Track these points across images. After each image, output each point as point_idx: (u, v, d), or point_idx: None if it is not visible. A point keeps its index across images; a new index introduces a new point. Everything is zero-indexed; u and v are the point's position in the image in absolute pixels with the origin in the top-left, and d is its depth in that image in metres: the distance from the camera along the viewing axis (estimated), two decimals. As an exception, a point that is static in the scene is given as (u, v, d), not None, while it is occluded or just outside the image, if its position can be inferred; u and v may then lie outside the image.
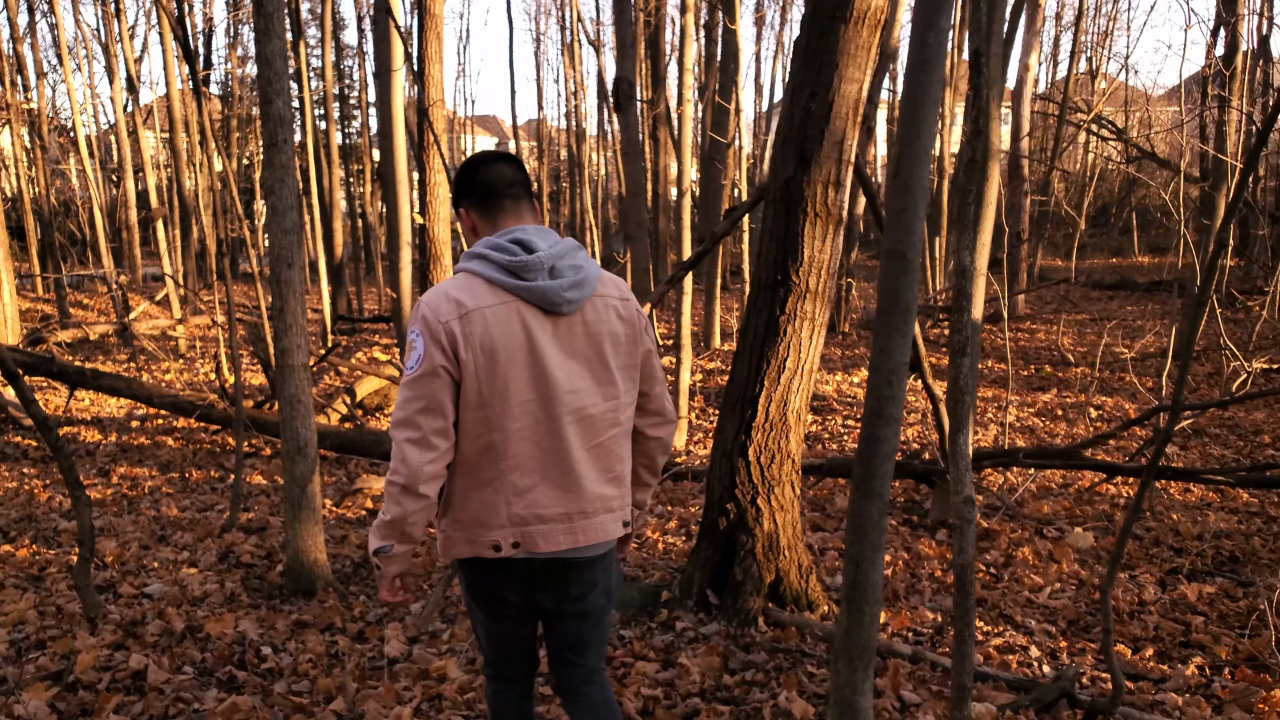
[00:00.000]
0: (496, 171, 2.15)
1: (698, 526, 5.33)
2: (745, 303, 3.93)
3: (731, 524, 3.86)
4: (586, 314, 2.08)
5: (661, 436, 2.32)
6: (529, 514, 2.05)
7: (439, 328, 1.97)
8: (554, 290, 2.02)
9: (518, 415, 2.02)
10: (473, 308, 1.99)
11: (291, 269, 4.07)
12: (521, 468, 2.05)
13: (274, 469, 6.94)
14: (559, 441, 2.06)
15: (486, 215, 2.15)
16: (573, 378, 2.06)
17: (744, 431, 3.84)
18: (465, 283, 2.04)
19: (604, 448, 2.13)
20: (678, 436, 7.60)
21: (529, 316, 2.02)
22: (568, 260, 2.06)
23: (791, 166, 3.74)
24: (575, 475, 2.08)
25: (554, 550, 2.07)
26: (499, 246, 2.04)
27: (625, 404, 2.17)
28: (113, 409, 9.36)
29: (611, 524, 2.16)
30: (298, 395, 4.14)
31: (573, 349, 2.07)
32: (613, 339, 2.11)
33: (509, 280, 2.02)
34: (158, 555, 4.87)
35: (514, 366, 2.00)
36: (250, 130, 31.19)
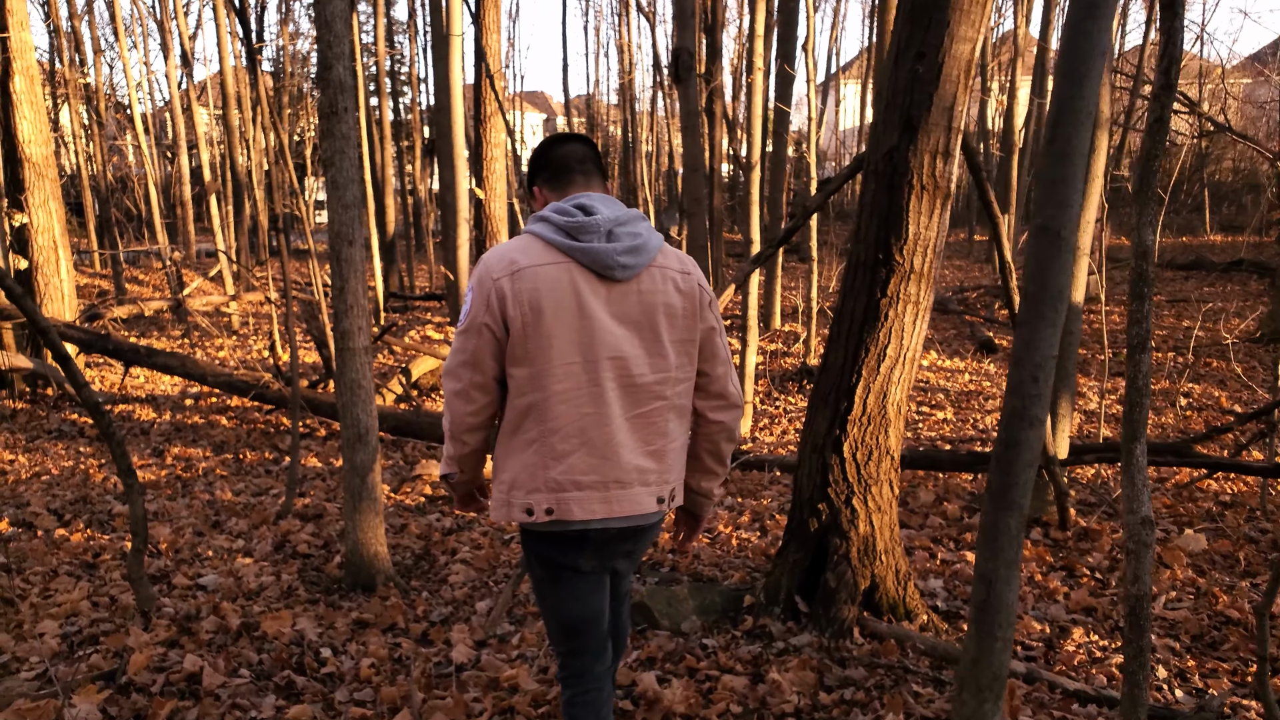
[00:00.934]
0: (568, 149, 2.19)
1: (773, 522, 5.05)
2: (841, 283, 3.61)
3: (823, 525, 3.56)
4: (642, 282, 2.06)
5: (724, 421, 2.24)
6: (565, 479, 2.04)
7: (490, 285, 2.00)
8: (608, 253, 2.01)
9: (561, 377, 2.01)
10: (525, 265, 2.00)
11: (353, 246, 3.83)
12: (561, 431, 2.03)
13: (329, 451, 6.77)
14: (601, 407, 2.04)
15: (557, 189, 2.19)
16: (621, 344, 2.04)
17: (838, 425, 3.53)
18: (524, 242, 2.07)
19: (646, 419, 2.10)
20: (743, 423, 7.30)
21: (581, 279, 2.01)
22: (627, 227, 2.06)
23: (895, 135, 3.41)
24: (614, 444, 2.06)
25: (588, 518, 2.05)
26: (561, 209, 2.07)
27: (677, 379, 2.13)
28: (167, 386, 9.28)
29: (647, 498, 2.11)
30: (358, 380, 3.90)
31: (624, 316, 2.05)
32: (668, 311, 2.08)
33: (564, 240, 2.02)
34: (212, 543, 4.69)
35: (560, 326, 2.00)
36: (301, 107, 31.26)
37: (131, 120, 18.60)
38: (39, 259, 9.56)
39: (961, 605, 3.91)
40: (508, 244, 2.09)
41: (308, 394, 7.29)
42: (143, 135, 18.28)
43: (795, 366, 9.48)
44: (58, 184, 9.95)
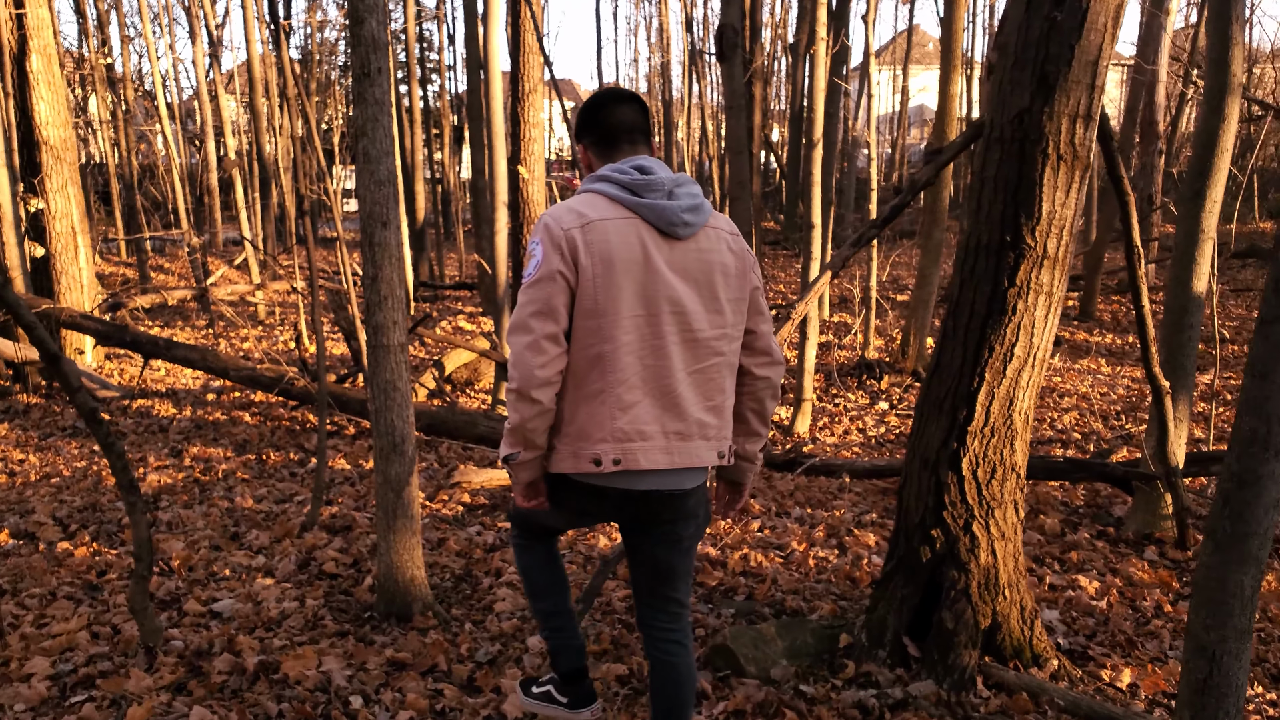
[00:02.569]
0: (620, 114, 2.19)
1: (851, 537, 4.52)
2: (956, 270, 3.08)
3: (937, 555, 3.03)
4: (701, 241, 2.11)
5: (770, 376, 2.28)
6: (632, 429, 2.06)
7: (560, 234, 2.01)
8: (673, 210, 2.06)
9: (628, 329, 2.03)
10: (595, 219, 2.03)
11: (387, 228, 3.33)
12: (627, 382, 2.05)
13: (359, 452, 6.30)
14: (664, 360, 2.07)
15: (604, 157, 2.20)
16: (684, 299, 2.07)
17: (956, 437, 3.00)
18: (589, 199, 2.09)
19: (706, 374, 2.13)
20: (801, 422, 6.77)
21: (646, 235, 2.05)
22: (686, 188, 2.12)
23: (1027, 95, 2.86)
24: (677, 395, 2.09)
25: (652, 468, 2.08)
26: (620, 169, 2.10)
27: (732, 336, 2.17)
28: (188, 380, 8.86)
29: (707, 451, 2.15)
30: (393, 381, 3.41)
31: (685, 272, 2.08)
32: (723, 270, 2.13)
33: (630, 198, 2.06)
34: (230, 560, 4.22)
35: (628, 279, 2.02)
36: (329, 94, 30.91)
37: (157, 107, 18.24)
38: (56, 246, 9.17)
39: (1087, 642, 3.37)
40: (570, 200, 2.10)
41: (335, 389, 6.83)
42: (167, 122, 17.92)
43: (852, 360, 8.93)
44: (77, 168, 9.55)
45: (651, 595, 2.31)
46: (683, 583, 2.31)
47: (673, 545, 2.23)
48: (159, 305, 13.25)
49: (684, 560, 2.28)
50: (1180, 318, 4.41)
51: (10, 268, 8.60)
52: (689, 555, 2.29)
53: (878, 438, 6.68)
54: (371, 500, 5.15)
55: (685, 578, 2.31)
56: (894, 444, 6.52)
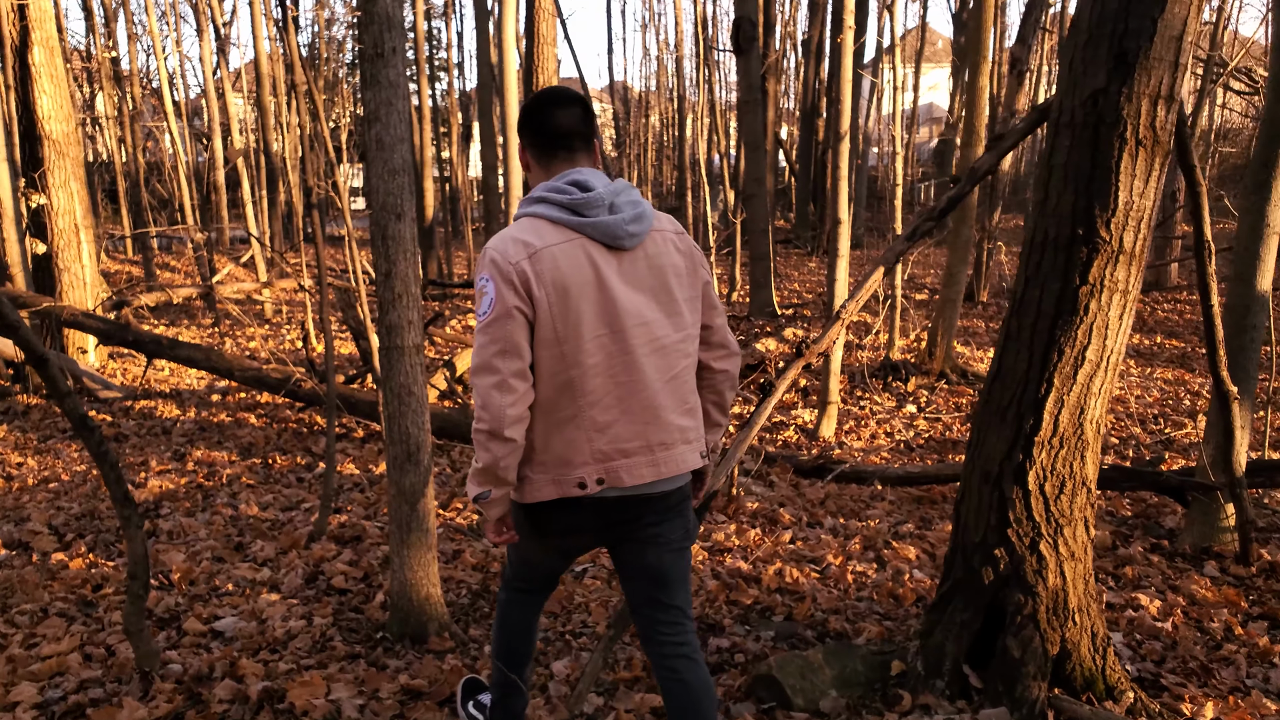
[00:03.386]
0: (558, 119, 2.13)
1: (890, 550, 4.27)
2: (1020, 267, 2.83)
3: (1000, 577, 2.78)
4: (648, 247, 2.09)
5: (728, 369, 2.29)
6: (611, 449, 2.05)
7: (510, 269, 1.97)
8: (616, 224, 2.03)
9: (592, 351, 2.02)
10: (541, 247, 1.99)
11: (401, 221, 3.08)
12: (600, 403, 2.04)
13: (368, 456, 6.07)
14: (635, 374, 2.06)
15: (540, 161, 2.16)
16: (643, 309, 2.06)
17: (1021, 449, 2.75)
18: (530, 225, 2.05)
19: (679, 379, 2.14)
20: (826, 425, 6.52)
21: (595, 252, 2.02)
22: (625, 196, 2.08)
23: (1102, 74, 2.61)
24: (654, 407, 2.09)
25: (637, 483, 2.08)
26: (557, 189, 2.06)
27: (693, 335, 2.18)
28: (193, 380, 8.64)
29: (690, 455, 2.16)
30: (409, 385, 3.17)
31: (639, 282, 2.07)
32: (675, 270, 2.13)
33: (572, 218, 2.02)
34: (233, 573, 3.98)
35: (585, 302, 2.00)
36: (336, 92, 30.72)
37: (162, 100, 18.05)
38: (58, 243, 8.95)
39: (1157, 669, 3.12)
40: (511, 229, 2.06)
41: (344, 391, 6.60)
42: (173, 119, 17.73)
43: (875, 361, 8.67)
44: (80, 163, 9.33)
45: (650, 607, 2.23)
46: (680, 589, 2.25)
47: (662, 548, 2.19)
48: (164, 303, 13.05)
49: (677, 564, 2.23)
50: (1242, 318, 4.15)
51: (11, 265, 8.39)
52: (682, 558, 2.24)
53: (906, 442, 6.42)
54: (382, 508, 4.91)
55: (682, 584, 2.25)
56: (923, 449, 6.26)
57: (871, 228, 23.09)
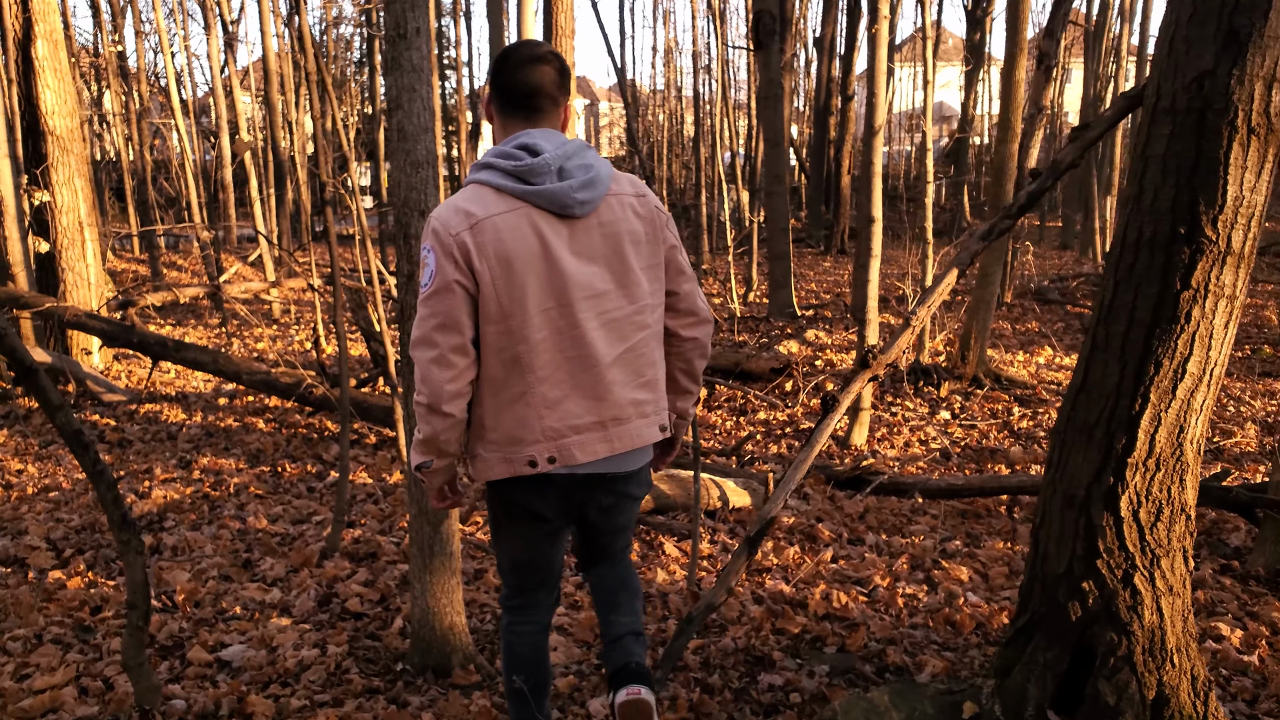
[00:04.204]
0: (527, 75, 2.02)
1: (941, 571, 4.00)
2: (1109, 269, 2.56)
3: (1089, 613, 2.51)
4: (602, 214, 2.00)
5: (697, 337, 2.21)
6: (563, 426, 2.00)
7: (450, 241, 1.90)
8: (563, 192, 1.94)
9: (539, 325, 1.95)
10: (483, 217, 1.92)
11: (425, 218, 2.83)
12: (550, 379, 1.98)
13: (381, 463, 5.82)
14: (585, 349, 1.99)
15: (503, 117, 2.07)
16: (594, 281, 1.99)
17: (1112, 470, 2.48)
18: (474, 193, 1.97)
19: (634, 351, 2.06)
20: (858, 433, 6.25)
21: (541, 222, 1.94)
22: (576, 160, 1.98)
23: (1209, 55, 2.33)
24: (605, 382, 2.02)
25: (591, 459, 2.03)
26: (504, 154, 1.97)
27: (652, 305, 2.09)
28: (199, 383, 8.40)
29: (647, 429, 2.11)
30: (431, 397, 2.91)
31: (590, 252, 1.99)
32: (633, 238, 2.04)
33: (517, 186, 1.94)
34: (241, 594, 3.73)
35: (530, 274, 1.93)
36: (345, 90, 30.53)
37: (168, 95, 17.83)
38: (62, 241, 8.72)
39: (1250, 709, 2.85)
40: (456, 197, 1.98)
41: (356, 396, 6.36)
42: (180, 117, 17.51)
43: (905, 365, 8.39)
44: (84, 159, 9.10)
45: (595, 552, 2.34)
46: (625, 534, 2.33)
47: (619, 520, 2.25)
48: (170, 303, 12.81)
49: (628, 519, 2.30)
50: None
51: (13, 264, 8.15)
52: (632, 511, 2.29)
53: (942, 450, 6.15)
54: (398, 521, 4.66)
55: (628, 529, 2.33)
56: (961, 458, 5.99)
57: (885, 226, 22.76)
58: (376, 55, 23.45)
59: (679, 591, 3.72)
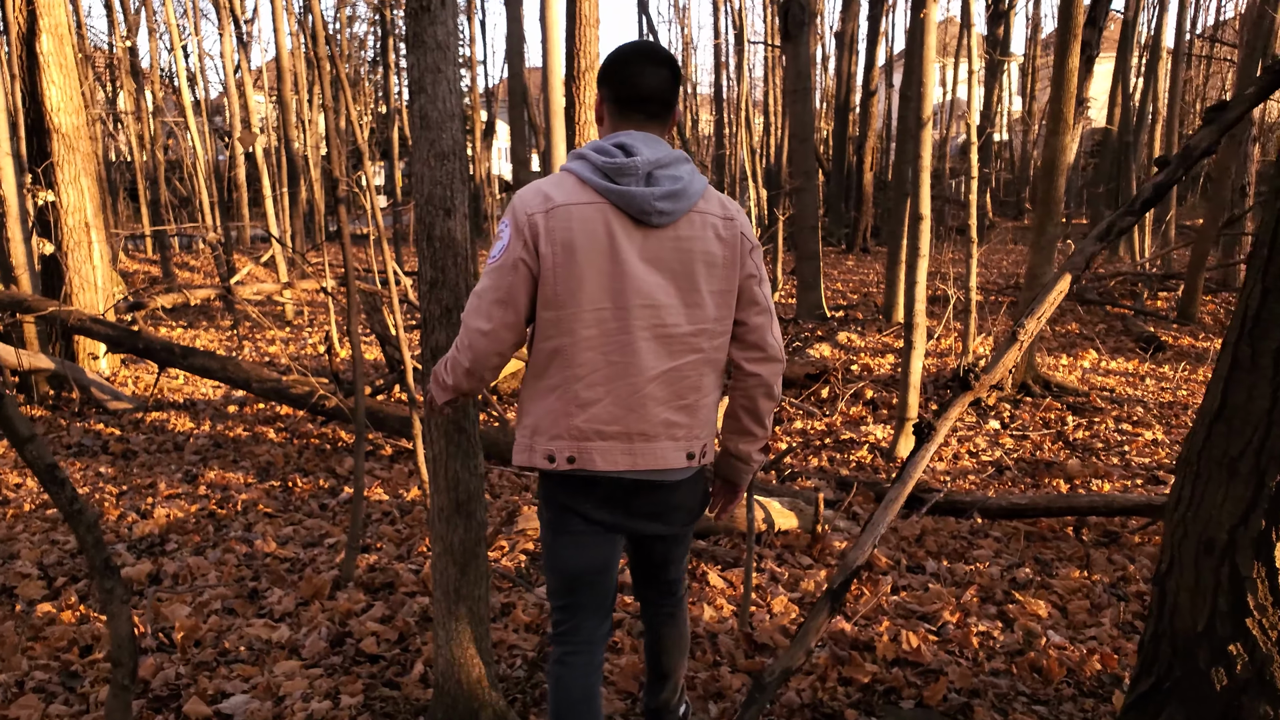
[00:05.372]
0: (645, 79, 2.00)
1: (1015, 605, 3.62)
2: (1253, 275, 2.18)
3: (1238, 681, 2.13)
4: (681, 229, 1.96)
5: (761, 374, 2.10)
6: (589, 428, 1.96)
7: (524, 220, 1.91)
8: (644, 198, 1.90)
9: (589, 322, 1.93)
10: (559, 203, 1.91)
11: (451, 217, 2.47)
12: (587, 379, 1.95)
13: (397, 478, 5.47)
14: (630, 356, 1.95)
15: (615, 119, 2.04)
16: (655, 292, 1.94)
17: (1264, 513, 2.10)
18: (560, 180, 1.96)
19: (679, 372, 2.00)
20: (904, 445, 5.87)
21: (616, 222, 1.91)
22: (668, 170, 1.95)
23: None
24: (641, 395, 1.97)
25: (611, 469, 1.98)
26: (600, 148, 1.96)
27: (714, 331, 2.03)
28: (209, 389, 8.08)
29: (674, 453, 2.03)
30: (458, 421, 2.55)
31: (660, 263, 1.94)
32: (706, 259, 1.98)
33: (600, 181, 1.92)
34: (245, 631, 3.39)
35: (590, 270, 1.90)
36: (358, 90, 30.31)
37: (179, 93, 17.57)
38: (68, 243, 8.41)
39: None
40: (543, 180, 1.97)
41: (371, 405, 6.01)
42: (192, 117, 17.24)
43: (944, 370, 8.00)
44: (91, 158, 8.80)
45: (642, 576, 2.33)
46: (673, 567, 2.31)
47: (670, 543, 2.23)
48: (182, 305, 12.53)
49: (678, 548, 2.28)
50: None
51: (16, 266, 7.85)
52: (683, 543, 2.28)
53: (994, 463, 5.76)
54: (417, 545, 4.31)
55: (677, 562, 2.31)
56: (1014, 472, 5.60)
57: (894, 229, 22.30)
58: (390, 53, 23.18)
59: (729, 632, 3.35)
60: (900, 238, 10.18)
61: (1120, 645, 3.31)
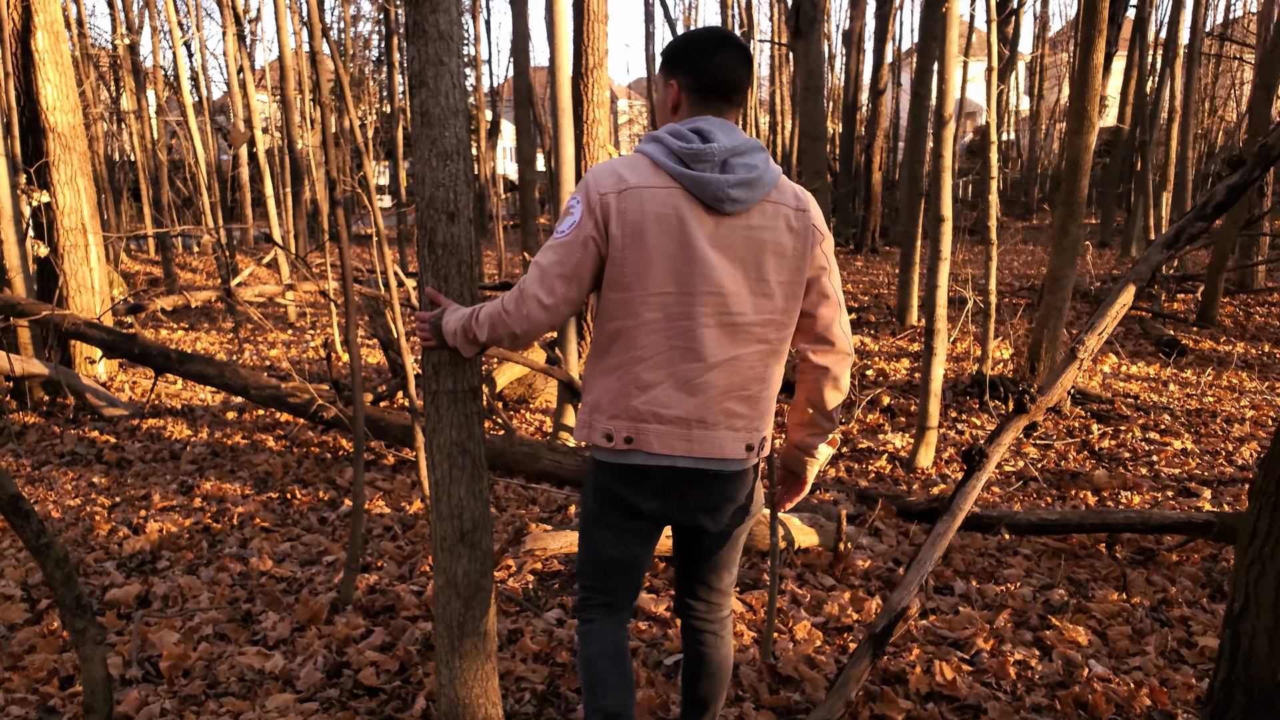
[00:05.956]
0: (731, 72, 1.98)
1: (1053, 631, 3.41)
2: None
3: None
4: (753, 218, 1.94)
5: (827, 366, 2.09)
6: (647, 410, 1.96)
7: (597, 198, 1.90)
8: (718, 184, 1.89)
9: (654, 306, 1.92)
10: (633, 185, 1.90)
11: (455, 222, 2.27)
12: (648, 361, 1.95)
13: (400, 489, 5.28)
14: (692, 343, 1.94)
15: (694, 105, 2.01)
16: (723, 280, 1.92)
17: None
18: (634, 161, 1.95)
19: (743, 361, 1.98)
20: (924, 455, 5.66)
21: (687, 208, 1.90)
22: (744, 158, 1.93)
23: None
24: (703, 382, 1.96)
25: (667, 453, 1.97)
26: (677, 133, 1.94)
27: (780, 323, 2.00)
28: (207, 394, 7.89)
29: (732, 442, 2.01)
30: (463, 443, 2.35)
31: (730, 251, 1.93)
32: (776, 250, 1.96)
33: (675, 166, 1.91)
34: (237, 659, 3.19)
35: (659, 254, 1.89)
36: (362, 89, 30.15)
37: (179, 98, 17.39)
38: (64, 244, 8.22)
39: None
40: (615, 160, 1.96)
41: (372, 413, 5.82)
42: (193, 117, 17.06)
43: (964, 376, 7.79)
44: (87, 158, 8.60)
45: (689, 581, 2.24)
46: (725, 573, 2.23)
47: (718, 538, 2.15)
48: (183, 306, 12.35)
49: (728, 552, 2.19)
50: None
51: (9, 269, 7.66)
52: (734, 546, 2.20)
53: (1017, 474, 5.55)
54: (419, 564, 4.11)
55: (728, 568, 2.23)
56: (1039, 484, 5.39)
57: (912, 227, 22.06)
58: (395, 52, 23.01)
59: (751, 663, 3.15)
60: (914, 238, 9.98)
61: (1168, 676, 3.11)
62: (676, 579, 2.29)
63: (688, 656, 2.30)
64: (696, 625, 2.27)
